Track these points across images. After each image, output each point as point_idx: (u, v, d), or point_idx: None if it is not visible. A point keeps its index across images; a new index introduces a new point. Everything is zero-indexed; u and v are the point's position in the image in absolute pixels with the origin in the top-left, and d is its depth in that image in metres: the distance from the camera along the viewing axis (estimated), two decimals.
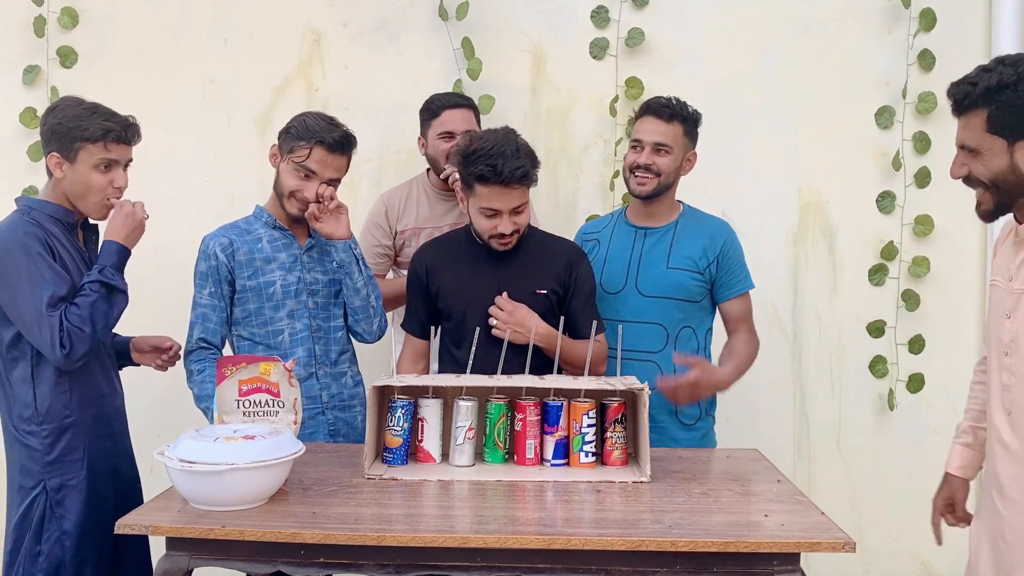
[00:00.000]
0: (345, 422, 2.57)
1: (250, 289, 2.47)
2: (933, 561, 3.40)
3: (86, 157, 2.24)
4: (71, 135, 2.23)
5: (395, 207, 2.97)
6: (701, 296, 2.58)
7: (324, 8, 3.32)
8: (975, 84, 1.79)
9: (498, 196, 2.32)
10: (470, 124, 2.90)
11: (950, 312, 3.33)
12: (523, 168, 2.30)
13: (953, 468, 2.20)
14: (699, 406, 2.58)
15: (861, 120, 3.30)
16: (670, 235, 2.61)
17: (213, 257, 2.45)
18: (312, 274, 2.53)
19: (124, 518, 1.83)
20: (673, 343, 2.56)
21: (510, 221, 2.36)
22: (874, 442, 3.38)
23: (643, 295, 2.57)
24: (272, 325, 2.49)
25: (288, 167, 2.45)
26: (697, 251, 2.57)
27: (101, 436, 2.33)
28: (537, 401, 2.24)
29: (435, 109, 2.91)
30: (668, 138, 2.54)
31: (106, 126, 2.24)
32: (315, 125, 2.43)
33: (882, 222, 3.32)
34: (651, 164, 2.54)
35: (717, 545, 1.75)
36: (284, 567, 1.82)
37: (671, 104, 2.56)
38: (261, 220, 2.54)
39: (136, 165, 2.35)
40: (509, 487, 2.08)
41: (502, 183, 2.30)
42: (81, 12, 3.31)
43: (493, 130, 2.43)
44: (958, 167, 1.89)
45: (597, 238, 2.71)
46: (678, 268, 2.57)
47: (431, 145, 2.93)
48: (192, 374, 2.46)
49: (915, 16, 3.25)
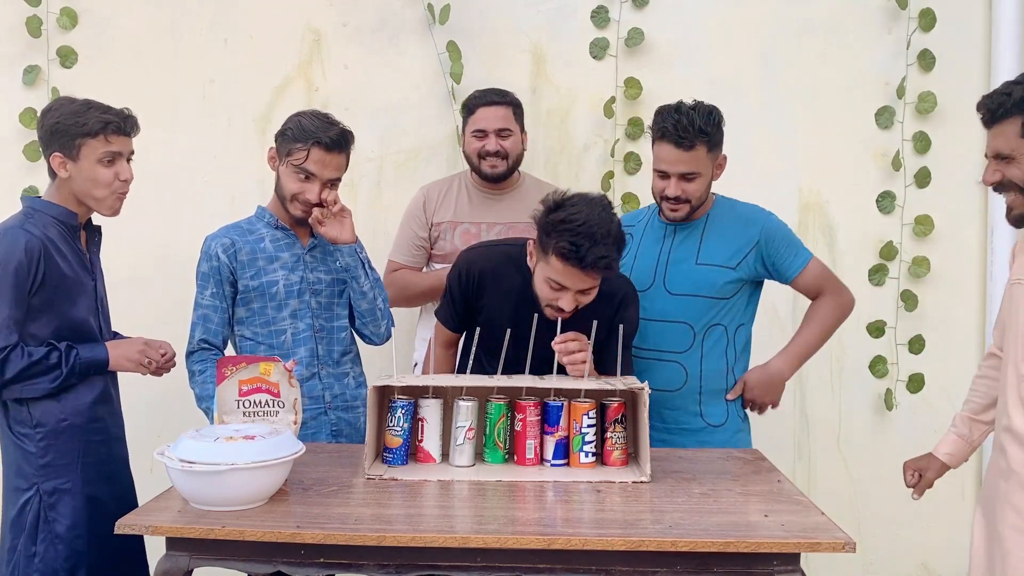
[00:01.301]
0: (348, 423, 2.57)
1: (253, 289, 2.47)
2: (933, 561, 3.41)
3: (89, 153, 2.24)
4: (71, 132, 2.23)
5: (433, 199, 2.97)
6: (733, 292, 2.52)
7: (324, 8, 3.32)
8: (1009, 94, 1.91)
9: (571, 277, 2.14)
10: (507, 122, 2.89)
11: (950, 312, 3.33)
12: (608, 259, 2.10)
13: (940, 453, 2.28)
14: (724, 407, 2.56)
15: (861, 120, 3.30)
16: (700, 231, 2.54)
17: (215, 258, 2.45)
18: (315, 274, 2.52)
19: (124, 518, 1.83)
20: (701, 343, 2.52)
21: (574, 300, 2.18)
22: (874, 442, 3.38)
23: (671, 293, 2.51)
24: (275, 325, 2.48)
25: (287, 170, 2.43)
26: (729, 246, 2.51)
27: (96, 441, 2.32)
28: (537, 401, 2.24)
29: (471, 106, 2.92)
30: (692, 165, 2.43)
31: (104, 118, 2.24)
32: (310, 125, 2.41)
33: (882, 222, 3.33)
34: (680, 194, 2.45)
35: (717, 545, 1.75)
36: (284, 567, 1.82)
37: (688, 130, 2.38)
38: (263, 220, 2.53)
39: (136, 165, 2.36)
40: (509, 487, 2.08)
41: (582, 268, 2.11)
42: (81, 12, 3.31)
43: (587, 198, 2.16)
44: (991, 174, 1.99)
45: (631, 232, 2.57)
46: (708, 264, 2.50)
47: (467, 142, 2.94)
48: (194, 375, 2.46)
49: (914, 16, 3.25)
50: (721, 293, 2.51)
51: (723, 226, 2.54)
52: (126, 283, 2.82)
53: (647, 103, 3.29)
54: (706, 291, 2.50)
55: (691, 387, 2.52)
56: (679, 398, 2.52)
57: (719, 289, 2.50)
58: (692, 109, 2.42)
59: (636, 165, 3.31)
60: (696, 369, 2.51)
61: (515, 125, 2.92)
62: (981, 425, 2.23)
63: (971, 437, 2.25)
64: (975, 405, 2.26)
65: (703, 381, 2.53)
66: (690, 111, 2.41)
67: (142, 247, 2.49)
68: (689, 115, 2.40)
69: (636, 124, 3.28)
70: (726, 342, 2.55)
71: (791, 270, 2.54)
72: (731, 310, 2.54)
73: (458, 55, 3.25)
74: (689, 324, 2.51)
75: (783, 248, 2.53)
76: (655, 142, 2.47)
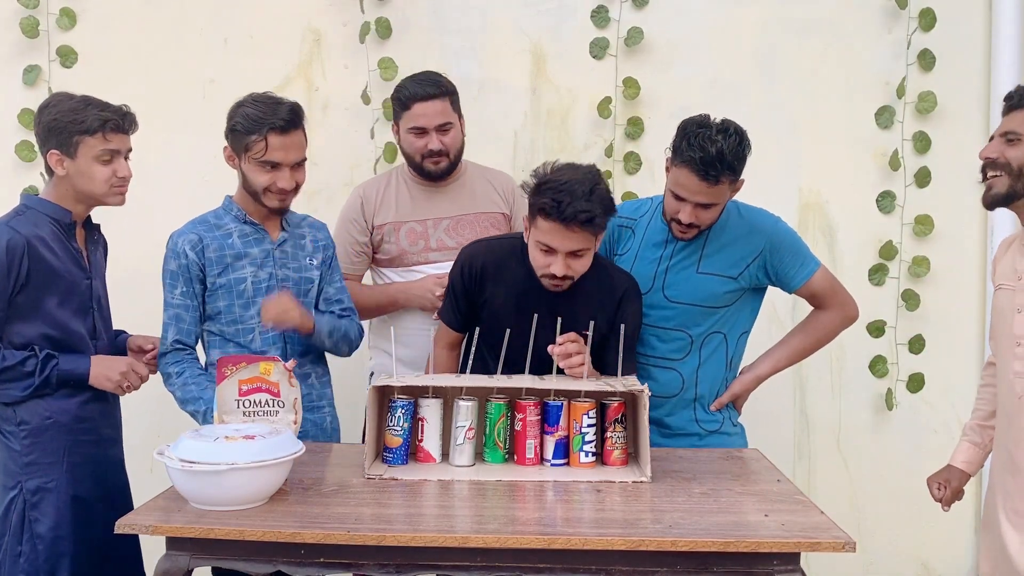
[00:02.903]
0: (313, 423, 2.50)
1: (220, 286, 2.39)
2: (933, 561, 3.41)
3: (86, 151, 2.22)
4: (69, 130, 2.20)
5: (372, 200, 2.78)
6: (733, 300, 2.47)
7: (324, 8, 3.32)
8: None
9: (556, 235, 2.17)
10: (446, 116, 2.67)
11: (950, 312, 3.33)
12: (589, 213, 2.13)
13: (958, 462, 2.34)
14: (720, 413, 2.55)
15: (861, 120, 3.30)
16: (703, 238, 2.45)
17: (183, 255, 2.37)
18: (283, 270, 2.45)
19: (124, 518, 1.83)
20: (698, 350, 2.48)
21: (564, 264, 2.21)
22: (874, 442, 3.38)
23: (670, 301, 2.46)
24: (242, 323, 2.41)
25: (251, 165, 2.36)
26: (731, 256, 2.45)
27: (86, 441, 2.29)
28: (537, 401, 2.24)
29: (405, 101, 2.66)
30: (713, 197, 2.32)
31: (103, 116, 2.21)
32: (257, 113, 2.33)
33: (882, 222, 3.32)
34: (694, 221, 2.36)
35: (717, 545, 1.75)
36: (284, 567, 1.82)
37: (716, 166, 2.24)
38: (231, 214, 2.45)
39: (136, 165, 2.35)
40: (509, 487, 2.08)
41: (563, 222, 2.14)
42: (81, 12, 3.30)
43: (576, 165, 2.25)
44: (991, 150, 2.05)
45: (633, 227, 2.55)
46: (708, 273, 2.45)
47: (404, 140, 2.72)
48: (171, 376, 2.39)
49: (914, 16, 3.25)
50: (721, 302, 2.47)
51: (727, 234, 2.46)
52: (126, 282, 2.81)
53: (647, 103, 3.30)
54: (705, 301, 2.45)
55: (687, 393, 2.50)
56: (675, 404, 2.51)
57: (719, 298, 2.46)
58: (721, 136, 2.25)
59: (636, 165, 3.31)
60: (692, 376, 2.49)
61: (454, 115, 2.70)
62: (990, 431, 2.29)
63: (983, 443, 2.32)
64: (983, 412, 2.33)
65: (699, 388, 2.51)
66: (719, 142, 2.24)
67: (142, 246, 2.49)
68: (719, 148, 2.24)
69: (636, 124, 3.28)
70: (725, 349, 2.51)
71: (795, 281, 2.49)
72: (731, 317, 2.50)
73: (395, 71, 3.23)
74: (687, 332, 2.48)
75: (788, 258, 2.47)
76: (675, 163, 2.32)
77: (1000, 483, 2.14)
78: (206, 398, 2.31)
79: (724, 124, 2.30)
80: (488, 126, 3.26)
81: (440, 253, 2.74)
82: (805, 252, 2.50)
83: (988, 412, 2.30)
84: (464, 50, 3.31)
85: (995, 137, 2.06)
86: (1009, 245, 2.18)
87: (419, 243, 2.75)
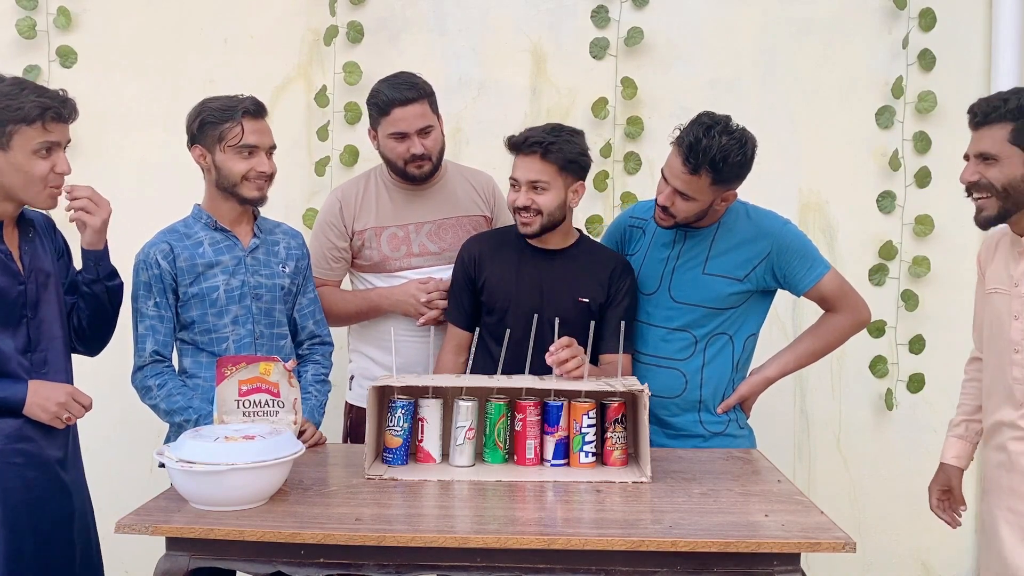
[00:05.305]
0: None
1: (193, 296, 2.34)
2: (933, 561, 3.40)
3: (23, 142, 1.95)
4: (2, 117, 1.92)
5: (351, 204, 2.69)
6: (739, 302, 2.46)
7: (324, 8, 3.32)
8: (1006, 101, 2.00)
9: (517, 167, 2.40)
10: (426, 118, 2.58)
11: (950, 312, 3.32)
12: (541, 142, 2.35)
13: (948, 458, 2.38)
14: (725, 414, 2.53)
15: (861, 120, 3.30)
16: (709, 239, 2.46)
17: (155, 265, 2.31)
18: (255, 277, 2.39)
19: (124, 518, 1.82)
20: (703, 351, 2.47)
21: (527, 194, 2.39)
22: (874, 442, 3.38)
23: (676, 301, 2.46)
24: (216, 332, 2.36)
25: (227, 155, 2.31)
26: (737, 257, 2.44)
27: (17, 464, 2.01)
28: (537, 401, 2.24)
29: (383, 106, 2.57)
30: (689, 187, 2.33)
31: (42, 103, 1.94)
32: (225, 103, 2.31)
33: (882, 222, 3.32)
34: (668, 205, 2.38)
35: (717, 545, 1.75)
36: (284, 567, 1.82)
37: (699, 155, 2.27)
38: (200, 221, 2.40)
39: (137, 165, 2.34)
40: (509, 487, 2.08)
41: (519, 151, 2.38)
42: (81, 12, 3.30)
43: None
44: (970, 173, 2.05)
45: (643, 228, 2.58)
46: (715, 275, 2.44)
47: (384, 145, 2.62)
48: (151, 390, 2.30)
49: (914, 16, 3.25)
50: (726, 303, 2.46)
51: (734, 235, 2.46)
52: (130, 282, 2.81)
53: (647, 103, 3.30)
54: (711, 302, 2.45)
55: (691, 394, 2.50)
56: (678, 404, 2.51)
57: (725, 299, 2.45)
58: (721, 135, 2.27)
59: (636, 165, 3.31)
60: (696, 377, 2.48)
61: (433, 117, 2.62)
62: (976, 424, 2.33)
63: (970, 436, 2.36)
64: (968, 407, 2.37)
65: (703, 389, 2.50)
66: (714, 138, 2.26)
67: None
68: (711, 142, 2.26)
69: (635, 124, 3.28)
70: (731, 351, 2.50)
71: (803, 284, 2.47)
72: (737, 319, 2.49)
73: (358, 75, 3.25)
74: (691, 332, 2.48)
75: (796, 261, 2.46)
76: (673, 143, 2.37)
77: (995, 482, 2.15)
78: (195, 406, 2.28)
79: (732, 127, 2.32)
80: (488, 126, 3.26)
81: (422, 258, 2.68)
82: (814, 255, 2.49)
83: (974, 407, 2.32)
84: (464, 50, 3.31)
85: (970, 158, 2.05)
86: (996, 244, 2.18)
87: (401, 248, 2.68)
